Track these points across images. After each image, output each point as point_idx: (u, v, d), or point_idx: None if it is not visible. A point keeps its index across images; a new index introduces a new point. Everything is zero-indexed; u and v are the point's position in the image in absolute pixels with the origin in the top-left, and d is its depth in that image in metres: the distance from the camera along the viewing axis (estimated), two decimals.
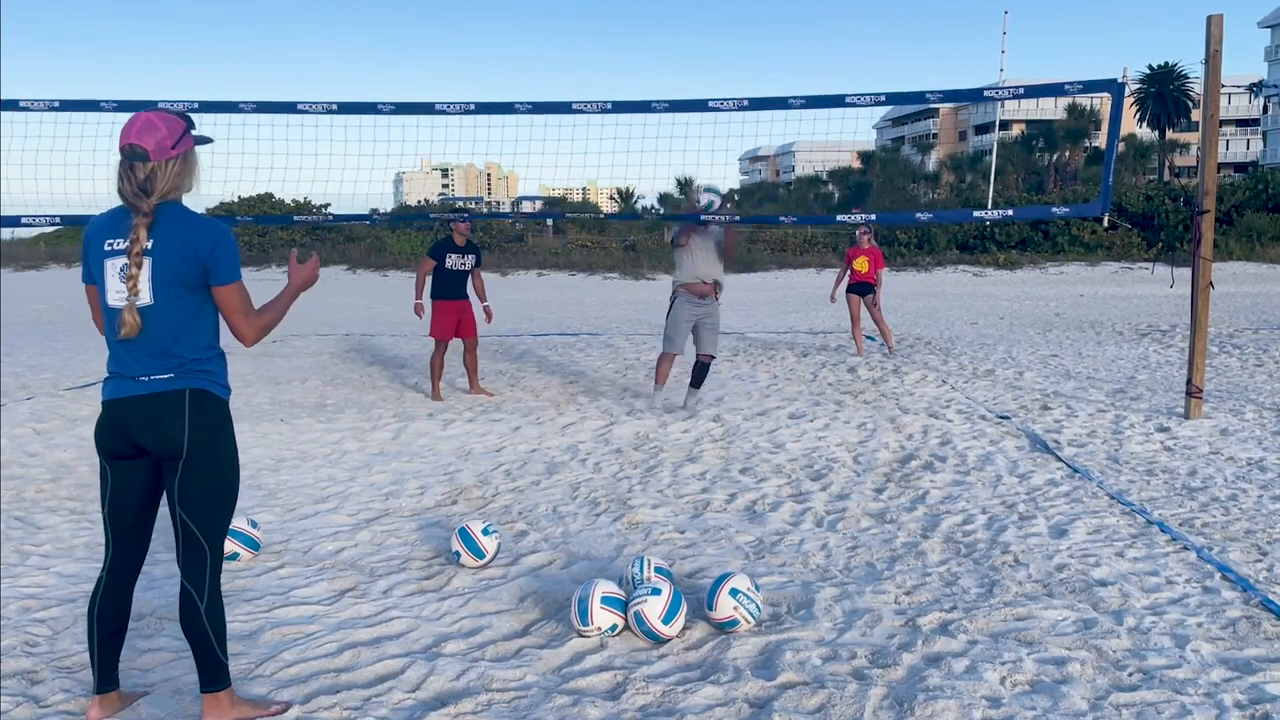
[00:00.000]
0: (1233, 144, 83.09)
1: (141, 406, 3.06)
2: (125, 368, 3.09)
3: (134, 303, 3.02)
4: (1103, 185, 8.82)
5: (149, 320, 3.04)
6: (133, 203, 3.03)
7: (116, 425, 3.10)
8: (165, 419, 3.05)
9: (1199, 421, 7.97)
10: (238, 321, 3.12)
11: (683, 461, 6.94)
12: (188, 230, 3.05)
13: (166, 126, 3.06)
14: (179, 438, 3.06)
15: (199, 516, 3.10)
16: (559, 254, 35.02)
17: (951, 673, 3.57)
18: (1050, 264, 31.91)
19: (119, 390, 3.10)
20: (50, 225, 9.27)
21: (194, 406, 3.08)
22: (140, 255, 3.01)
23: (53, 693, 3.48)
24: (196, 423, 3.07)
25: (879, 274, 12.70)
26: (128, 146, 3.03)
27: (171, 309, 3.05)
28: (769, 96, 8.82)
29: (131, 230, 3.02)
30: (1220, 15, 7.70)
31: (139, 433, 3.08)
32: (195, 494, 3.09)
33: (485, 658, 3.79)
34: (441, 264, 9.39)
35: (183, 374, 3.08)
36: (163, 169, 3.04)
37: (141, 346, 3.06)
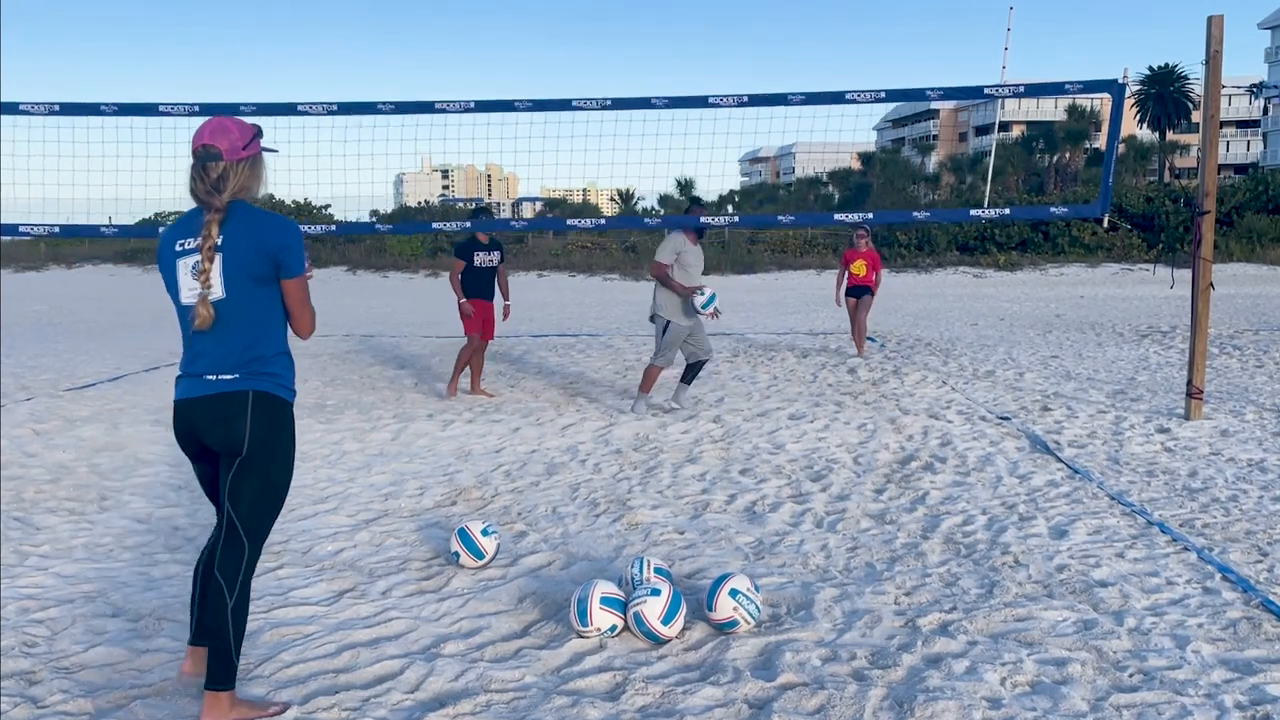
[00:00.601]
0: (1233, 145, 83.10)
1: (207, 406, 3.17)
2: (195, 367, 3.20)
3: (207, 295, 3.12)
4: (1103, 186, 8.82)
5: (221, 313, 3.14)
6: (205, 200, 3.15)
7: (185, 426, 3.23)
8: (229, 418, 3.15)
9: (1199, 422, 7.97)
10: (300, 313, 3.25)
11: (682, 462, 6.94)
12: (258, 226, 3.17)
13: (238, 130, 3.22)
14: (240, 437, 3.15)
15: (246, 514, 3.20)
16: (559, 255, 35.02)
17: (951, 674, 3.57)
18: (1050, 265, 31.90)
19: (188, 390, 3.21)
20: (49, 234, 9.26)
21: (257, 408, 3.17)
22: (212, 250, 3.12)
23: (51, 693, 3.48)
24: (258, 424, 3.17)
25: (876, 276, 12.63)
26: (201, 148, 3.16)
27: (242, 303, 3.15)
28: (769, 93, 8.80)
29: (203, 227, 3.14)
30: (1221, 16, 7.70)
31: (205, 432, 3.19)
32: (247, 492, 3.19)
33: (484, 658, 3.79)
34: (471, 263, 9.37)
35: (249, 375, 3.18)
36: (234, 169, 3.18)
37: (212, 344, 3.17)
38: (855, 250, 12.61)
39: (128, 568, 4.86)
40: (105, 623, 4.13)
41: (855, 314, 12.50)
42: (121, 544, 5.23)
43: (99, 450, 7.42)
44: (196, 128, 3.20)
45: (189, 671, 3.44)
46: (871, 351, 12.76)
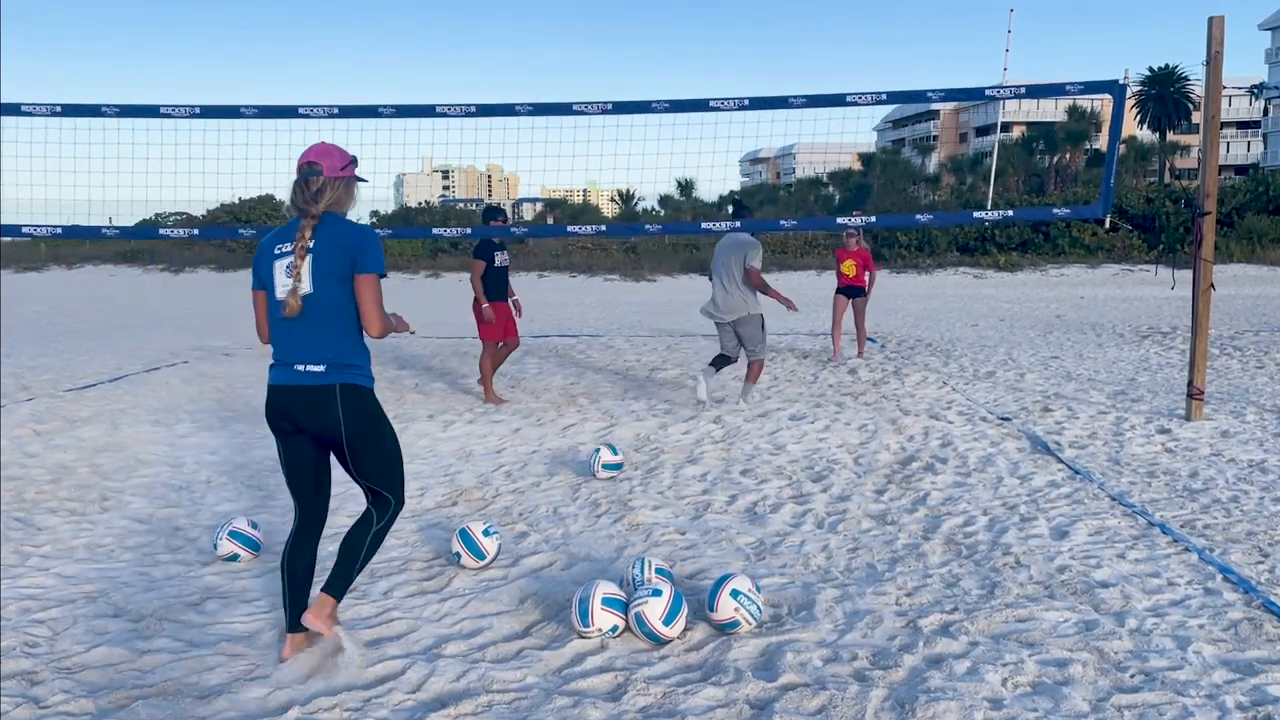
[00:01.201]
0: (1233, 146, 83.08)
1: (300, 396, 3.61)
2: (286, 355, 3.64)
3: (297, 288, 3.57)
4: (1104, 187, 8.82)
5: (307, 306, 3.58)
6: (303, 209, 3.61)
7: (280, 409, 3.67)
8: (322, 411, 3.60)
9: (1200, 423, 7.97)
10: (370, 310, 3.61)
11: (683, 463, 6.94)
12: (344, 231, 3.64)
13: (339, 154, 3.70)
14: (336, 428, 3.62)
15: (379, 480, 3.72)
16: (559, 255, 35.02)
17: (953, 674, 3.57)
18: (1051, 266, 31.89)
19: (281, 378, 3.65)
20: (51, 235, 9.27)
21: (345, 399, 3.61)
22: (305, 250, 3.57)
23: (52, 693, 3.48)
24: (350, 413, 3.62)
25: (869, 276, 12.33)
26: (306, 164, 3.66)
27: (327, 298, 3.58)
28: (769, 96, 8.80)
29: (298, 231, 3.60)
30: (1221, 17, 7.69)
31: (301, 419, 3.64)
32: (369, 467, 3.70)
33: (486, 659, 3.79)
34: (491, 264, 9.28)
35: (334, 369, 3.60)
36: (332, 185, 3.64)
37: (300, 335, 3.60)
38: (845, 249, 12.28)
39: (129, 568, 4.86)
40: (106, 623, 4.14)
41: (842, 315, 12.16)
42: (123, 544, 5.24)
43: (100, 450, 7.42)
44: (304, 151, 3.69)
45: (288, 656, 3.72)
46: (872, 352, 12.76)
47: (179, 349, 13.76)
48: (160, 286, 30.30)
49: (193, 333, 16.24)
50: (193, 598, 4.45)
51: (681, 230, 30.00)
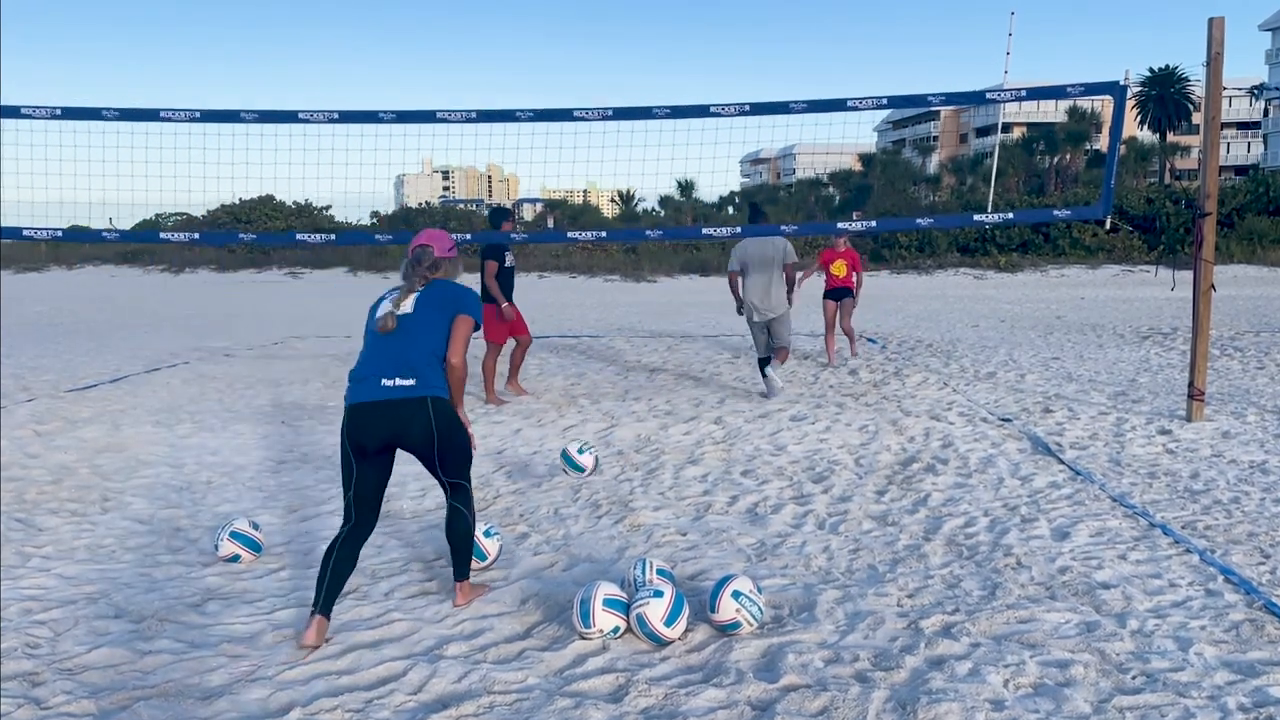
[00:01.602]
0: (1233, 147, 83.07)
1: (392, 410, 4.02)
2: (374, 370, 4.08)
3: (394, 311, 4.13)
4: (1104, 188, 8.82)
5: (402, 324, 4.11)
6: (415, 278, 4.22)
7: (365, 425, 4.03)
8: (414, 422, 4.03)
9: (1201, 424, 7.97)
10: (459, 342, 4.14)
11: (684, 464, 6.94)
12: (451, 286, 4.27)
13: (445, 237, 4.38)
14: (429, 438, 4.06)
15: (459, 474, 4.24)
16: (559, 256, 35.01)
17: (954, 675, 3.57)
18: (1051, 266, 31.89)
19: (368, 394, 4.05)
20: (52, 237, 9.27)
21: (436, 411, 4.06)
22: (410, 292, 4.19)
23: (54, 694, 3.48)
24: (440, 423, 4.07)
25: (857, 278, 11.89)
26: (419, 247, 4.28)
27: (422, 320, 4.12)
28: (770, 101, 8.81)
29: (409, 284, 4.22)
30: (1222, 18, 7.69)
31: (390, 432, 4.03)
32: (452, 466, 4.20)
33: (487, 660, 3.79)
34: (502, 264, 9.31)
35: (423, 383, 4.05)
36: (439, 263, 4.28)
37: (391, 351, 4.07)
38: (834, 250, 11.86)
39: (130, 569, 4.86)
40: (108, 624, 4.14)
41: (834, 318, 11.86)
42: (124, 545, 5.24)
43: (100, 451, 7.42)
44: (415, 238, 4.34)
45: (310, 641, 3.89)
46: (872, 353, 12.75)
47: (180, 349, 13.77)
48: (161, 287, 30.30)
49: (193, 333, 16.24)
50: (194, 599, 4.45)
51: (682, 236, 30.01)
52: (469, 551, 4.35)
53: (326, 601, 3.98)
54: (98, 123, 8.95)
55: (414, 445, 4.07)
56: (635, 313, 20.20)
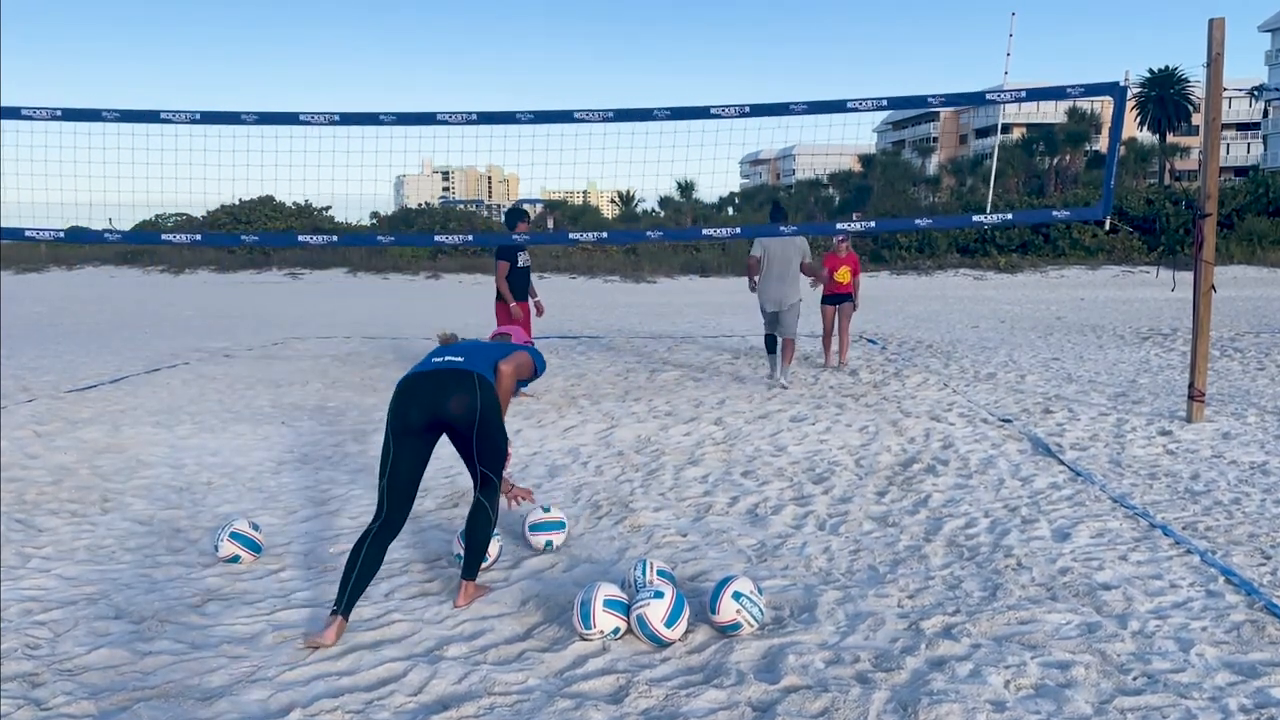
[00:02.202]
0: (1233, 147, 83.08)
1: (441, 379, 4.17)
2: (429, 357, 4.35)
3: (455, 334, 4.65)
4: (1104, 188, 8.82)
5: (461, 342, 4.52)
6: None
7: (416, 397, 4.14)
8: (461, 393, 4.14)
9: (1201, 425, 7.96)
10: (510, 362, 4.43)
11: (684, 464, 6.94)
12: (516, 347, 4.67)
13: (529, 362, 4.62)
14: (474, 412, 4.16)
15: (492, 465, 4.29)
16: (559, 257, 35.00)
17: (955, 676, 3.56)
18: (1051, 267, 31.89)
19: (421, 367, 4.27)
20: (52, 238, 9.27)
21: (483, 389, 4.20)
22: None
23: (54, 695, 3.48)
24: (485, 402, 4.19)
25: (856, 282, 11.70)
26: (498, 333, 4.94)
27: (480, 347, 4.48)
28: (770, 103, 8.80)
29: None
30: (1222, 19, 7.69)
31: (438, 406, 4.13)
32: (489, 452, 4.27)
33: (487, 661, 3.79)
34: (514, 264, 9.33)
35: (470, 364, 4.26)
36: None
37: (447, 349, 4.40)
38: (836, 255, 11.55)
39: (130, 569, 4.86)
40: (108, 625, 4.14)
41: (833, 323, 11.67)
42: (123, 546, 5.23)
43: (100, 452, 7.42)
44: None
45: (328, 642, 3.88)
46: (872, 353, 12.75)
47: (180, 350, 13.76)
48: (160, 288, 30.29)
49: (193, 334, 16.24)
50: (194, 599, 4.45)
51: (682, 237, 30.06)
52: (483, 552, 4.36)
53: (349, 602, 3.98)
54: (98, 124, 8.95)
55: (456, 420, 4.14)
56: (635, 313, 20.19)
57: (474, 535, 4.33)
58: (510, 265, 9.31)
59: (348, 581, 3.97)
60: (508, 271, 9.32)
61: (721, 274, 31.99)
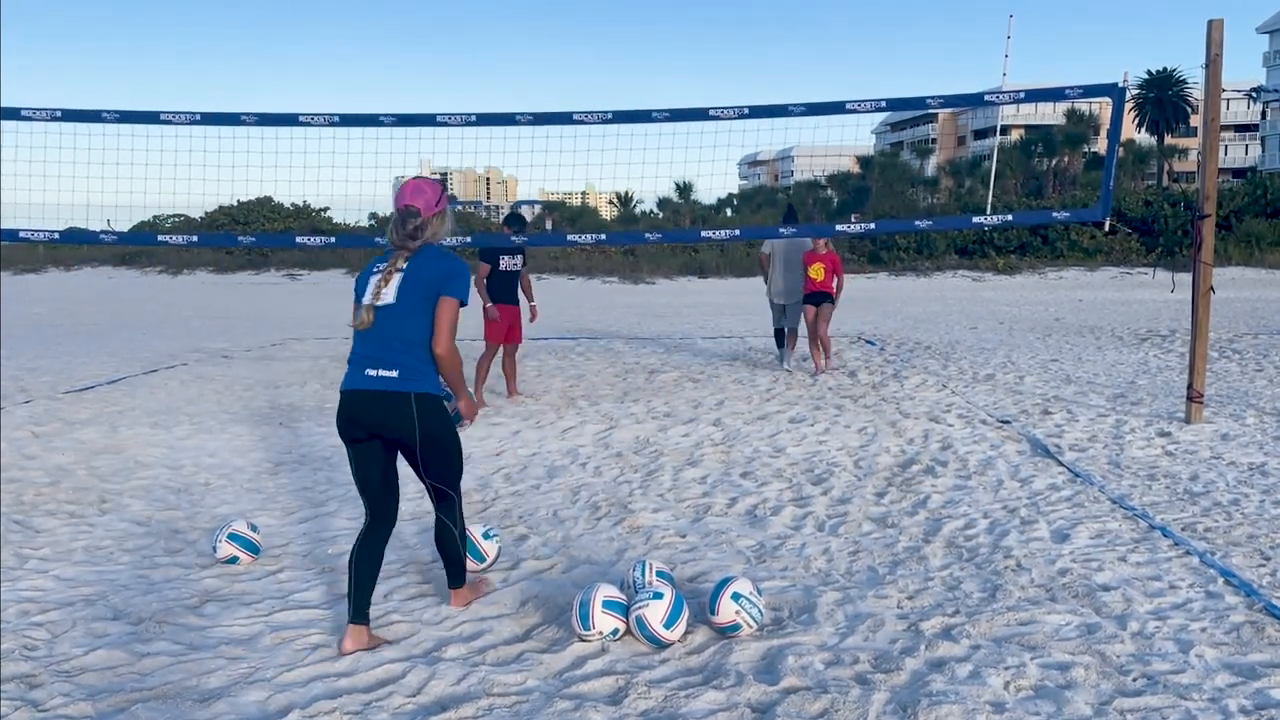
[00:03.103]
0: (1231, 149, 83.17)
1: (374, 401, 3.82)
2: (360, 358, 3.87)
3: (374, 304, 3.82)
4: (1103, 190, 8.83)
5: (385, 316, 3.82)
6: (401, 245, 3.86)
7: (353, 415, 3.87)
8: (396, 416, 3.81)
9: (1200, 426, 7.96)
10: (444, 328, 3.83)
11: (683, 465, 6.93)
12: (435, 259, 3.88)
13: (431, 190, 3.96)
14: (411, 433, 3.83)
15: (444, 480, 4.03)
16: (558, 258, 35.00)
17: (955, 677, 3.56)
18: (1049, 269, 31.90)
19: (354, 382, 3.87)
20: (49, 240, 9.27)
21: (420, 407, 3.83)
22: (394, 271, 3.84)
23: (51, 697, 3.47)
24: (424, 420, 3.84)
25: (837, 281, 11.24)
26: (404, 208, 3.88)
27: (406, 309, 3.81)
28: (769, 105, 8.81)
29: (394, 257, 3.87)
30: (1221, 20, 7.69)
31: (374, 423, 3.83)
32: (437, 468, 3.99)
33: (486, 662, 3.78)
34: (496, 266, 9.28)
35: (407, 375, 3.80)
36: (429, 222, 3.91)
37: (375, 340, 3.83)
38: (814, 252, 11.09)
39: (128, 570, 4.85)
40: (106, 626, 4.13)
41: (812, 323, 11.16)
42: (121, 547, 5.22)
43: (98, 453, 7.41)
44: (398, 189, 3.93)
45: (349, 649, 3.84)
46: (871, 354, 12.75)
47: (177, 351, 13.75)
48: (159, 288, 30.27)
49: (191, 335, 16.23)
50: (192, 600, 4.44)
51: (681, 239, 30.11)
52: (462, 561, 4.27)
53: (358, 608, 3.90)
54: (97, 125, 8.95)
55: (397, 440, 3.88)
56: (634, 314, 20.18)
57: (444, 550, 4.23)
58: (492, 268, 9.27)
59: (351, 587, 3.90)
60: (487, 274, 9.29)
61: (720, 275, 32.00)
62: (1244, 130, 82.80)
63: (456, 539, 4.18)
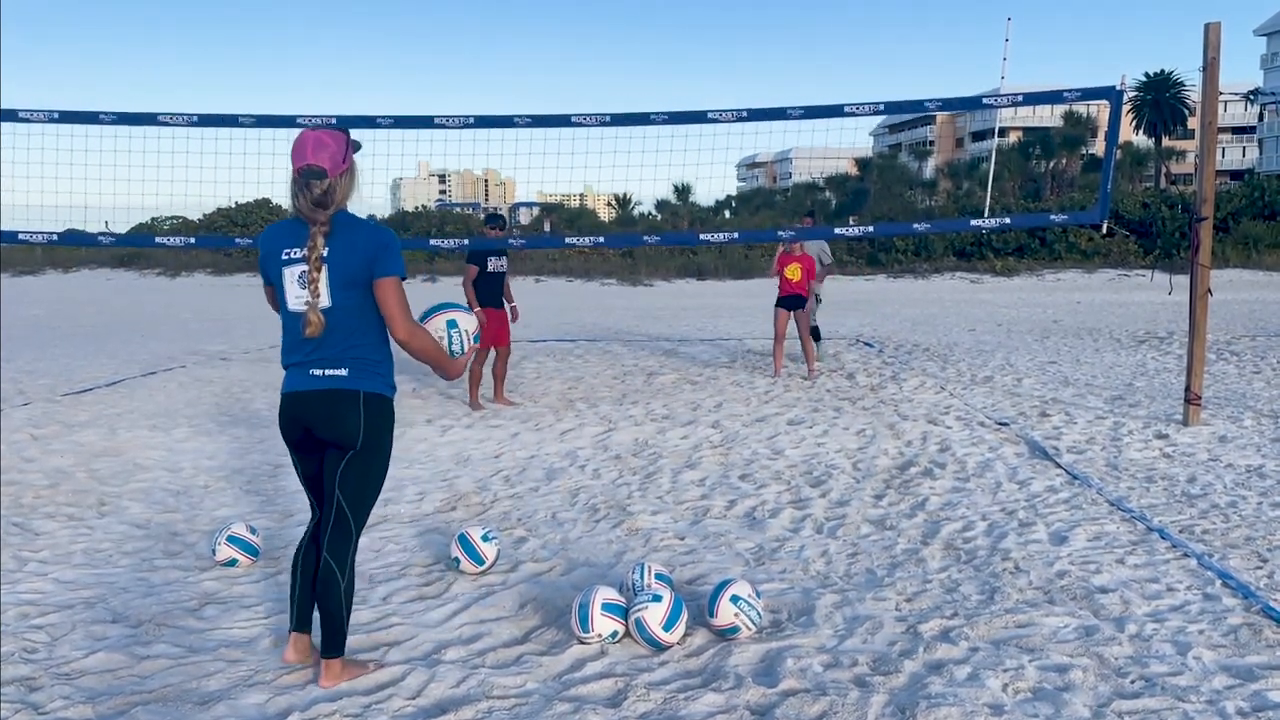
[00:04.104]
0: (1229, 151, 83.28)
1: (320, 401, 3.39)
2: (304, 358, 3.41)
3: (316, 304, 3.31)
4: (1101, 192, 8.84)
5: (329, 320, 3.34)
6: (310, 216, 3.32)
7: (296, 416, 3.44)
8: (343, 417, 3.38)
9: (1198, 428, 7.98)
10: (395, 314, 3.35)
11: (682, 468, 6.94)
12: (359, 235, 3.35)
13: (335, 142, 3.37)
14: (355, 433, 3.40)
15: (354, 500, 3.47)
16: (556, 260, 35.00)
17: (953, 680, 3.57)
18: (1047, 271, 31.93)
19: (298, 383, 3.43)
20: (47, 241, 9.27)
21: (369, 407, 3.41)
22: (320, 261, 3.30)
23: (51, 699, 3.47)
24: (371, 422, 3.42)
25: (813, 285, 11.16)
26: (305, 167, 3.31)
27: (347, 308, 3.35)
28: (768, 107, 8.82)
29: (310, 239, 3.31)
30: (1218, 23, 7.71)
31: (316, 425, 3.41)
32: (355, 481, 3.45)
33: (485, 664, 3.78)
34: (484, 268, 9.24)
35: (357, 373, 3.40)
36: (338, 183, 3.35)
37: (320, 341, 3.36)
38: (789, 254, 11.00)
39: (127, 573, 4.85)
40: (105, 628, 4.13)
41: (785, 327, 11.14)
42: (120, 549, 5.22)
43: (97, 455, 7.41)
44: (294, 143, 3.33)
45: (290, 659, 3.64)
46: (869, 356, 12.76)
47: (176, 353, 13.75)
48: (157, 290, 30.25)
49: (190, 337, 16.22)
50: (191, 603, 4.44)
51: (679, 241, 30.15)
52: (344, 623, 3.49)
53: (300, 616, 3.63)
54: (95, 126, 8.95)
55: (335, 440, 3.41)
56: (632, 317, 20.19)
57: (324, 604, 3.46)
58: (479, 270, 9.24)
59: (294, 592, 3.60)
60: (475, 276, 9.26)
61: (719, 277, 32.01)
62: (1241, 133, 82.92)
63: (342, 592, 3.45)
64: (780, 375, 11.16)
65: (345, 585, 3.45)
